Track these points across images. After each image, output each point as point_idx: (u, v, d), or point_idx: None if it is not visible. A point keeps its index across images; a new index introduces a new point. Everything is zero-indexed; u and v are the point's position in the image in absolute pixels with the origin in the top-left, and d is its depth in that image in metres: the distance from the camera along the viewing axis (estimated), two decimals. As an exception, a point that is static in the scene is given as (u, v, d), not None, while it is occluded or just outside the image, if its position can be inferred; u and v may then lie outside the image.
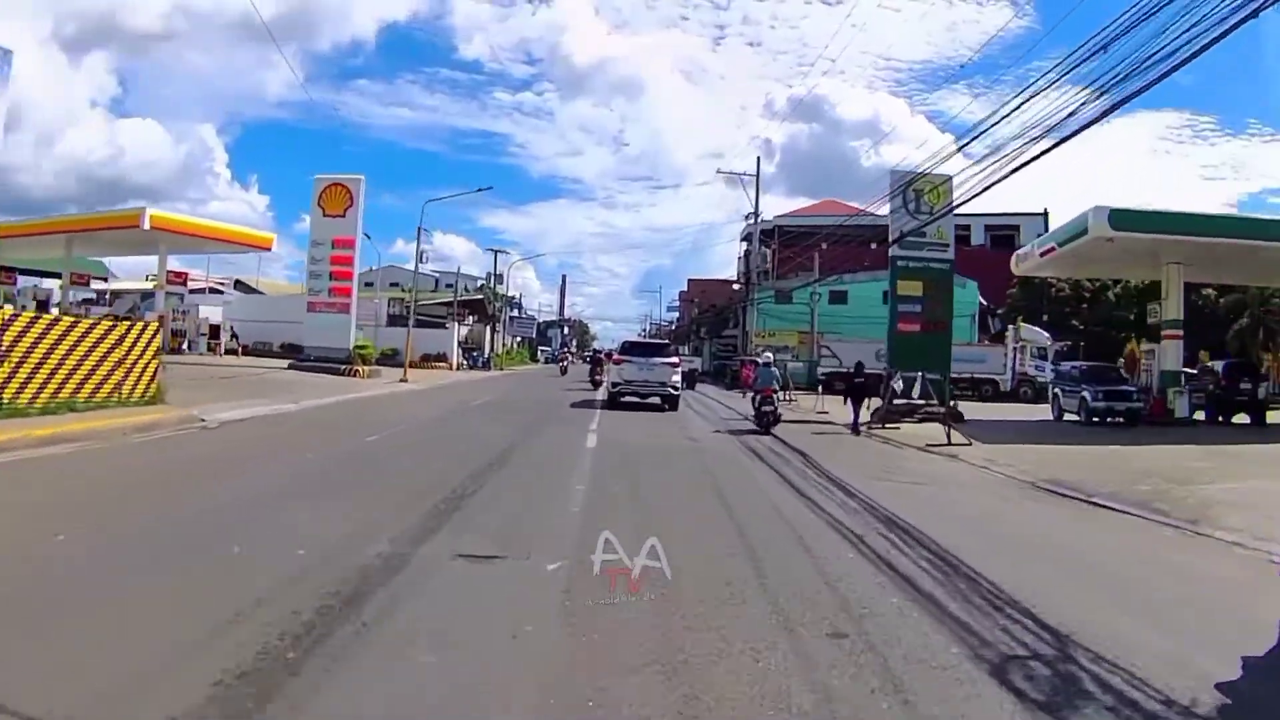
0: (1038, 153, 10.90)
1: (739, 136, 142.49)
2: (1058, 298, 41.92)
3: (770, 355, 20.16)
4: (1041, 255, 22.88)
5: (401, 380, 27.91)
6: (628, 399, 19.81)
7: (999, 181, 13.01)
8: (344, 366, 28.21)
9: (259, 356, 37.90)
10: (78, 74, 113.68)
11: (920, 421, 20.47)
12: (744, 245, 67.31)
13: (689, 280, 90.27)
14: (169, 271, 38.05)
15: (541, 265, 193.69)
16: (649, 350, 21.66)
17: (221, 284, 61.51)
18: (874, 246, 43.97)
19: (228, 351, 39.73)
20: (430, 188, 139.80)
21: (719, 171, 43.30)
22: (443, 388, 26.96)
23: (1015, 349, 36.34)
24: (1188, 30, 7.88)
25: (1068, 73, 10.74)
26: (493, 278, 53.17)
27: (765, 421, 16.13)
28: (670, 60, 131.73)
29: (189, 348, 37.80)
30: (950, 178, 21.25)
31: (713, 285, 73.15)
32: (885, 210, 24.62)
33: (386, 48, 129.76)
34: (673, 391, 19.66)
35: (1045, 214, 57.61)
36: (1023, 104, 11.81)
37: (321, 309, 29.70)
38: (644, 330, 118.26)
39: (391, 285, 55.55)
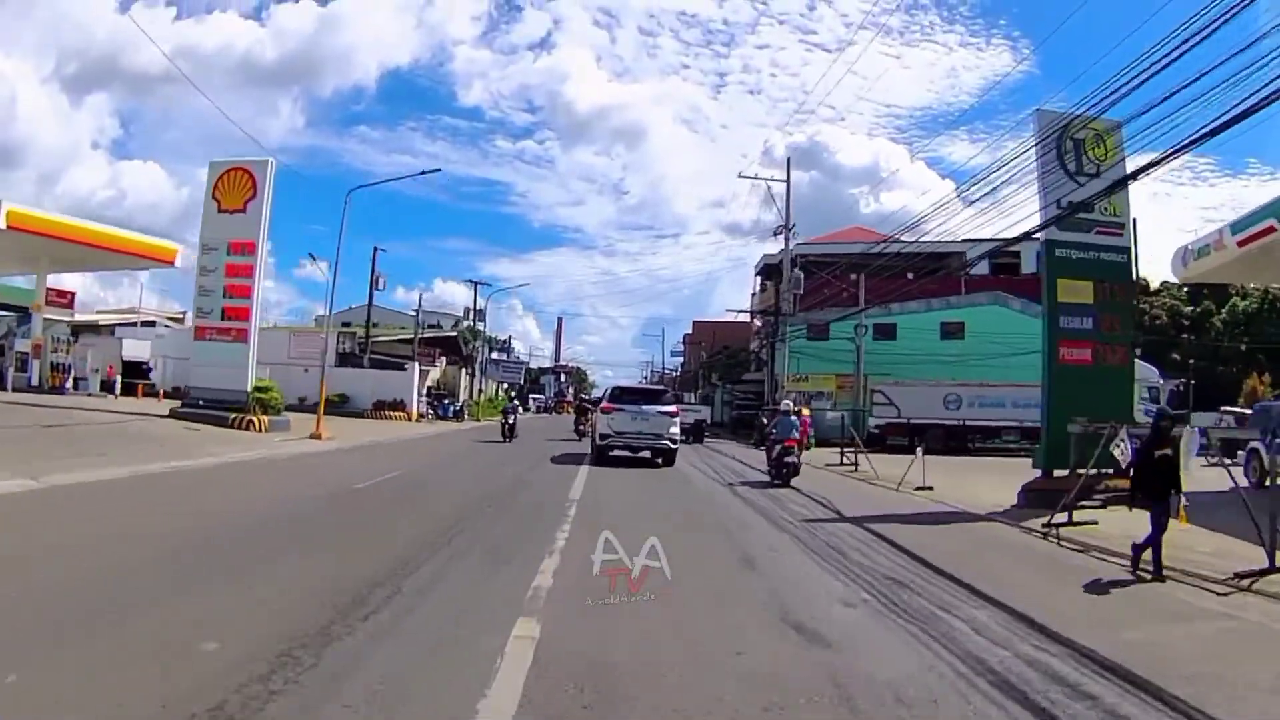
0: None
1: (740, 185, 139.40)
2: (1154, 326, 34.17)
3: (790, 403, 18.06)
4: (1241, 244, 15.01)
5: (312, 436, 19.98)
6: (618, 452, 17.11)
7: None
8: (233, 416, 20.34)
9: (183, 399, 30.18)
10: (79, 114, 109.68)
11: (1105, 505, 12.41)
12: (758, 280, 60.10)
13: (694, 322, 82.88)
14: (50, 290, 30.58)
15: (541, 313, 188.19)
16: (643, 397, 18.34)
17: (176, 317, 53.78)
18: (910, 276, 36.81)
19: (146, 394, 32.28)
20: (433, 236, 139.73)
21: (741, 176, 36.33)
22: (359, 450, 18.92)
23: (1120, 392, 28.26)
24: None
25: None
26: (473, 314, 45.59)
27: (784, 473, 14.80)
28: (671, 108, 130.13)
29: (75, 386, 30.01)
30: (1120, 123, 13.73)
31: (725, 327, 65.58)
32: (913, 236, 18.01)
33: (388, 94, 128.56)
34: (670, 445, 16.94)
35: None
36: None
37: (212, 337, 21.87)
38: (645, 377, 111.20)
39: (372, 326, 48.22)
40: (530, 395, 73.26)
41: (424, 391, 40.87)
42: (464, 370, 42.92)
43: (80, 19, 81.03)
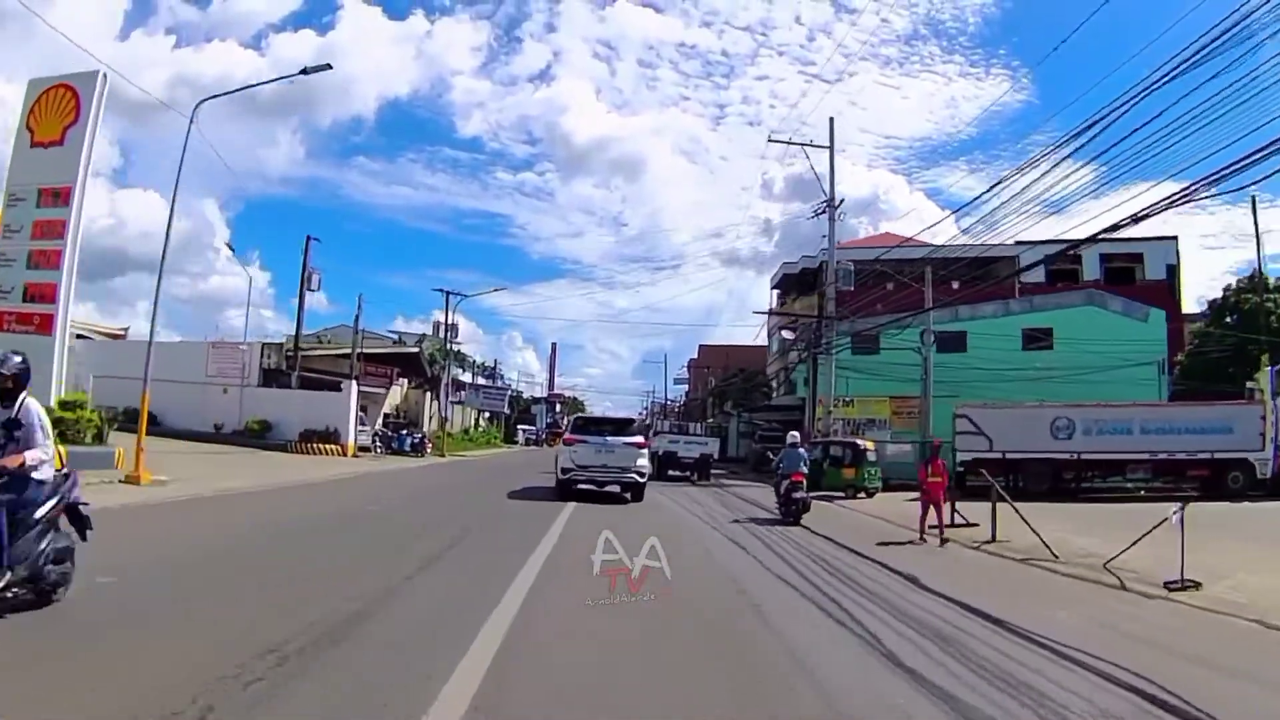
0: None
1: (739, 217, 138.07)
2: (1282, 327, 27.07)
3: (796, 435, 15.54)
4: None
5: (128, 479, 12.75)
6: (584, 486, 15.45)
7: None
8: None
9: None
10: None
11: None
12: (775, 295, 53.22)
13: (700, 346, 75.80)
14: None
15: (541, 345, 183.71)
16: (608, 427, 16.53)
17: (108, 330, 46.47)
18: (956, 286, 30.11)
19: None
20: (434, 268, 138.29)
21: (771, 140, 29.53)
22: (171, 510, 11.57)
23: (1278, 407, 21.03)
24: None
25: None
26: (444, 328, 38.45)
27: (794, 510, 13.31)
28: (670, 140, 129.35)
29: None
30: None
31: (736, 351, 58.41)
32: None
33: (388, 125, 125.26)
34: (638, 479, 15.36)
35: (1176, 239, 44.14)
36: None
37: (10, 326, 14.75)
38: (645, 409, 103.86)
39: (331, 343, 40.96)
40: (519, 426, 65.80)
41: (378, 419, 33.59)
42: (430, 395, 35.63)
43: (75, 47, 77.58)
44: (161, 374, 31.36)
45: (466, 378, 59.67)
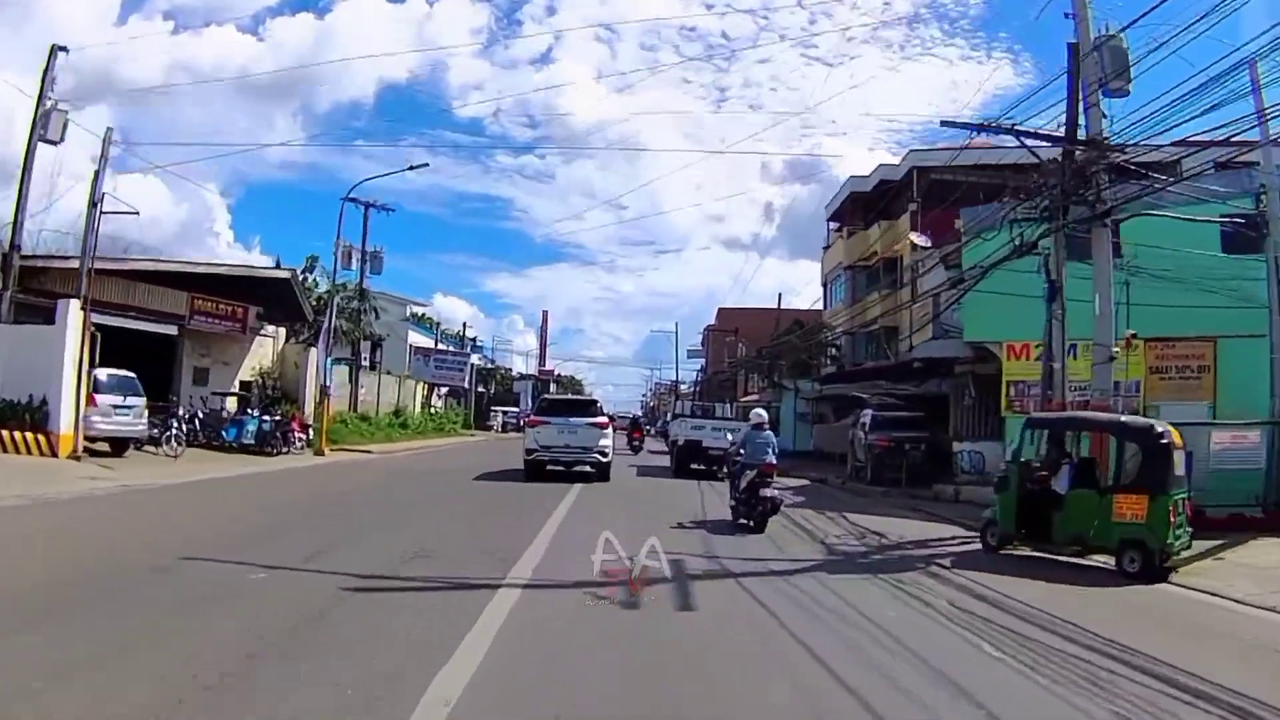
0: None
1: (740, 202, 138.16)
2: None
3: (763, 414, 11.32)
4: None
5: None
6: (552, 468, 15.73)
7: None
8: None
9: None
10: (75, 127, 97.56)
11: None
12: (833, 228, 39.81)
13: (720, 309, 62.45)
14: None
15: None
16: (572, 409, 16.79)
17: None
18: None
19: None
20: (434, 251, 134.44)
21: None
22: None
23: None
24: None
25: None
26: (361, 257, 25.03)
27: (759, 510, 9.75)
28: (671, 123, 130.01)
29: None
30: None
31: (768, 315, 44.81)
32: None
33: (388, 108, 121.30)
34: (601, 459, 15.86)
35: None
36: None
37: None
38: (650, 390, 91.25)
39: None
40: (497, 408, 52.54)
41: (229, 386, 20.40)
42: (311, 350, 22.12)
43: (74, 36, 70.24)
44: None
45: (426, 343, 46.44)
